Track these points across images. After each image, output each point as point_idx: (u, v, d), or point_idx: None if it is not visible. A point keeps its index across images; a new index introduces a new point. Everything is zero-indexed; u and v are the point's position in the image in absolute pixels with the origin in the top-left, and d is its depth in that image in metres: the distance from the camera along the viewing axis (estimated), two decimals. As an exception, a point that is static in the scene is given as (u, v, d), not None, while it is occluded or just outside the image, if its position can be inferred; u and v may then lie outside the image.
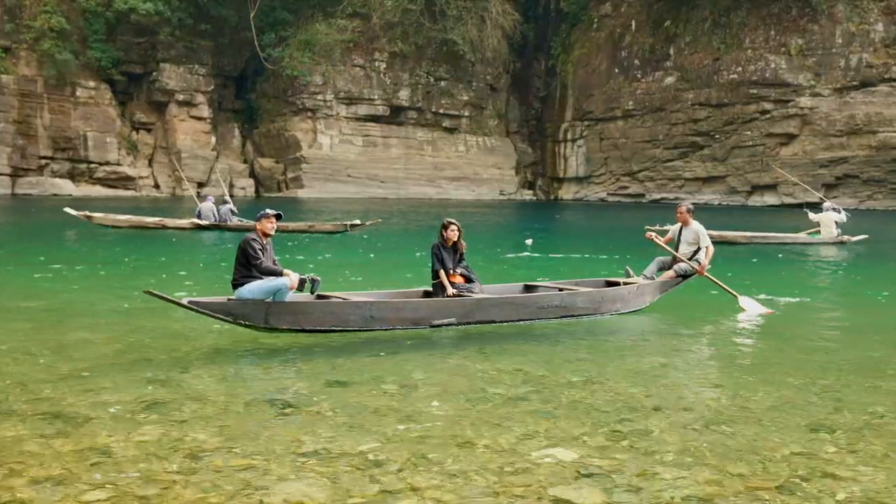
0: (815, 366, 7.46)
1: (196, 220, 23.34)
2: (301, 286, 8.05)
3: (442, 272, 9.29)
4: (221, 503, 4.08)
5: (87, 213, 23.12)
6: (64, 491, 4.19)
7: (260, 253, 7.95)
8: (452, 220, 9.62)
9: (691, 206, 11.19)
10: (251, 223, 8.46)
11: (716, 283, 10.83)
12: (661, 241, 11.10)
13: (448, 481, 4.40)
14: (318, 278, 8.23)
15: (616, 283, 10.54)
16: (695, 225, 10.97)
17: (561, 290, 9.96)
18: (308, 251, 17.97)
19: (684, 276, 10.88)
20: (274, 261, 8.26)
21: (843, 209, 23.24)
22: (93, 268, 14.44)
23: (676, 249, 11.03)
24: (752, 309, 10.38)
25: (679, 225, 11.10)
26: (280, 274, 7.97)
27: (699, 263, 10.78)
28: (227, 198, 25.11)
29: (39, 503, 4.06)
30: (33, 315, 9.44)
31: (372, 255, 17.76)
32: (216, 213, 23.64)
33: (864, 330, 9.52)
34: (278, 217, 8.33)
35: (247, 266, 7.98)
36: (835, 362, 7.62)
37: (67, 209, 22.89)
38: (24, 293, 11.07)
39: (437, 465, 4.63)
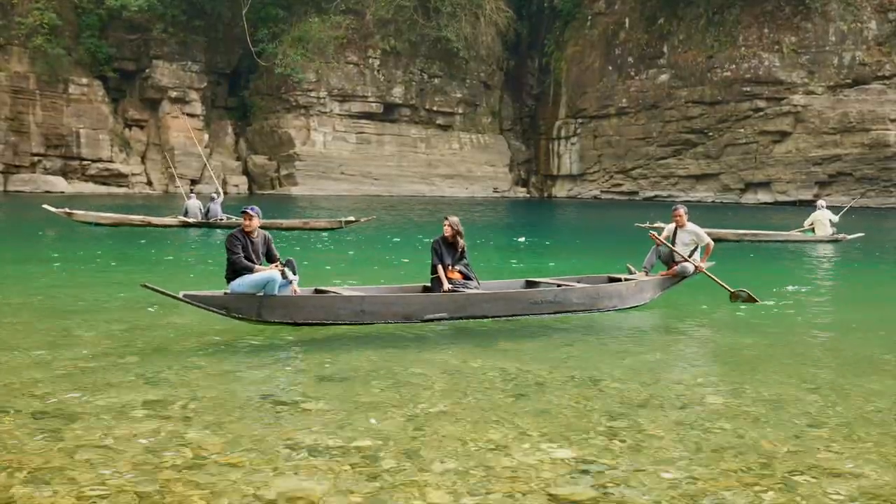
0: (812, 363, 7.47)
1: (183, 218, 23.27)
2: (284, 275, 8.33)
3: (440, 267, 9.28)
4: (217, 499, 4.06)
5: (68, 209, 22.82)
6: (59, 488, 4.15)
7: (238, 249, 8.20)
8: (448, 217, 9.65)
9: (686, 209, 11.27)
10: (239, 220, 8.60)
11: (712, 278, 10.91)
12: (663, 240, 11.11)
13: (443, 478, 4.38)
14: (292, 259, 8.58)
15: (618, 280, 10.52)
16: (691, 226, 11.11)
17: (559, 286, 9.92)
18: (303, 247, 17.92)
19: (684, 275, 10.94)
20: (273, 255, 8.51)
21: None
22: (79, 264, 14.37)
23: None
24: (745, 300, 10.49)
25: (674, 225, 11.19)
26: (251, 270, 8.16)
27: (698, 262, 10.96)
28: (216, 193, 24.92)
29: (35, 501, 4.02)
30: (24, 311, 9.39)
31: (366, 251, 17.73)
32: (202, 211, 23.59)
33: (860, 327, 9.52)
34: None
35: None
36: (831, 359, 7.63)
37: (46, 206, 22.36)
38: (13, 289, 11.00)
39: (431, 462, 4.61)
